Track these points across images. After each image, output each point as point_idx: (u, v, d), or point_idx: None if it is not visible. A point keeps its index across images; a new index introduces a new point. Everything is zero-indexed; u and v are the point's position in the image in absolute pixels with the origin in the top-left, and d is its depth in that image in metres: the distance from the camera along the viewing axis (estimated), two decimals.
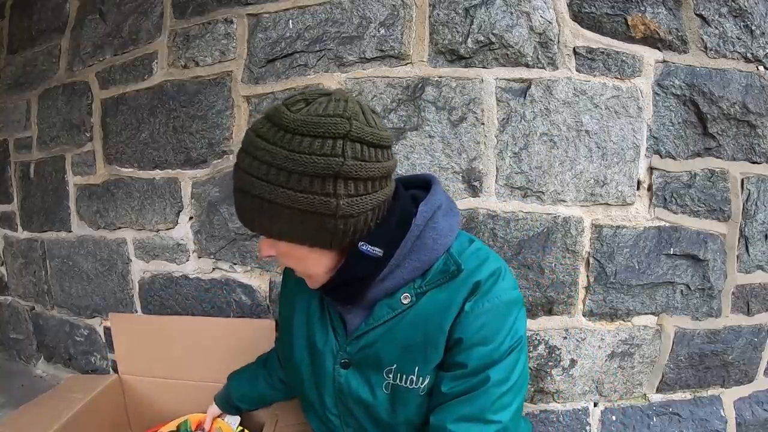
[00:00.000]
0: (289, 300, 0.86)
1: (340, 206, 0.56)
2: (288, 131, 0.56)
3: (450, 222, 0.68)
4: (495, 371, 0.63)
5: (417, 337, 0.66)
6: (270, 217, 0.58)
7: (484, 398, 0.63)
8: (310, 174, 0.55)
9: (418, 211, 0.65)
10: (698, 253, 1.20)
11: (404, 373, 0.68)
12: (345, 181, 0.56)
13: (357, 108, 0.59)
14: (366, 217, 0.60)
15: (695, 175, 1.20)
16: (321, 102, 0.58)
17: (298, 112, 0.57)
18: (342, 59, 1.20)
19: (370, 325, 0.69)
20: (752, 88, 1.18)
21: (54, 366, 1.80)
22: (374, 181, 0.59)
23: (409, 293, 0.66)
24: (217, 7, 1.29)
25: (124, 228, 1.49)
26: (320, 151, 0.55)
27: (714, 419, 1.28)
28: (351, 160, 0.56)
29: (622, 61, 1.15)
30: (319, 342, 0.76)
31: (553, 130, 1.15)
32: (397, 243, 0.63)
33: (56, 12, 1.62)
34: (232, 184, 0.63)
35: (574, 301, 1.20)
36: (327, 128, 0.55)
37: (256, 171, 0.57)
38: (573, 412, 1.24)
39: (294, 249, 0.62)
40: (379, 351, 0.69)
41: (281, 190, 0.56)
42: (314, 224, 0.58)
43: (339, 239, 0.60)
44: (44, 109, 1.67)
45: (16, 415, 1.09)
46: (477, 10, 1.13)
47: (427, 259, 0.65)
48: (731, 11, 1.16)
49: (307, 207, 0.56)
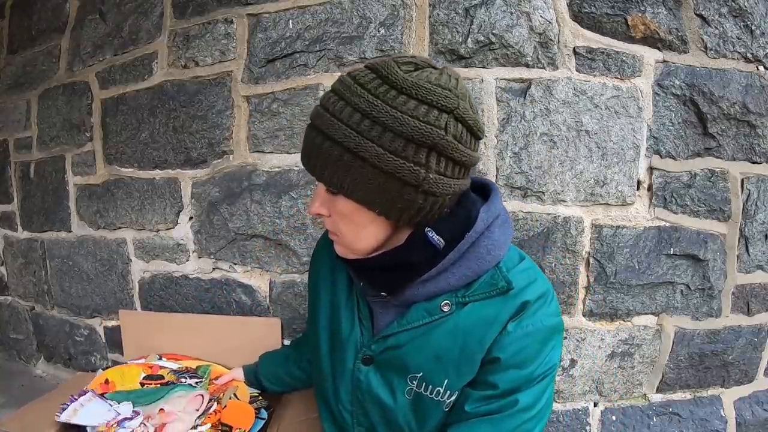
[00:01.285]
0: (314, 284, 0.83)
1: (427, 179, 0.53)
2: (395, 88, 0.53)
3: (505, 234, 0.64)
4: (524, 396, 0.60)
5: (453, 349, 0.62)
6: (348, 169, 0.54)
7: (509, 422, 0.60)
8: (407, 137, 0.52)
9: (479, 216, 0.61)
10: (698, 253, 1.20)
11: (431, 384, 0.64)
12: (438, 156, 0.54)
13: (465, 91, 0.57)
14: (443, 201, 0.57)
15: (695, 175, 1.20)
16: (432, 72, 0.56)
17: (408, 73, 0.54)
18: (342, 59, 1.20)
19: (402, 326, 0.65)
20: (752, 88, 1.18)
21: (54, 366, 1.80)
22: (462, 167, 0.57)
23: (450, 301, 0.62)
24: (217, 7, 1.29)
25: (124, 228, 1.49)
26: (424, 118, 0.52)
27: (714, 419, 1.28)
28: (450, 137, 0.53)
29: (622, 61, 1.15)
30: (344, 332, 0.72)
31: (553, 130, 1.15)
32: (455, 243, 0.60)
33: (56, 12, 1.62)
34: (232, 184, 0.61)
35: (574, 301, 1.20)
36: (437, 98, 0.53)
37: (348, 118, 0.53)
38: (573, 412, 1.24)
39: (358, 212, 0.58)
40: (407, 355, 0.65)
41: (370, 145, 0.52)
42: (394, 190, 0.54)
43: (410, 215, 0.57)
44: (44, 109, 1.67)
45: (19, 413, 1.09)
46: (477, 10, 1.13)
47: (477, 269, 0.62)
48: (731, 11, 1.16)
49: (393, 170, 0.52)
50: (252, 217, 1.28)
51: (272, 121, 1.25)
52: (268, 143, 1.26)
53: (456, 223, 0.60)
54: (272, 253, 1.29)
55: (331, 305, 0.75)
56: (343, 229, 0.62)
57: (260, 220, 1.28)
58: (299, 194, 1.24)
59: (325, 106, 0.56)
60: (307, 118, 1.21)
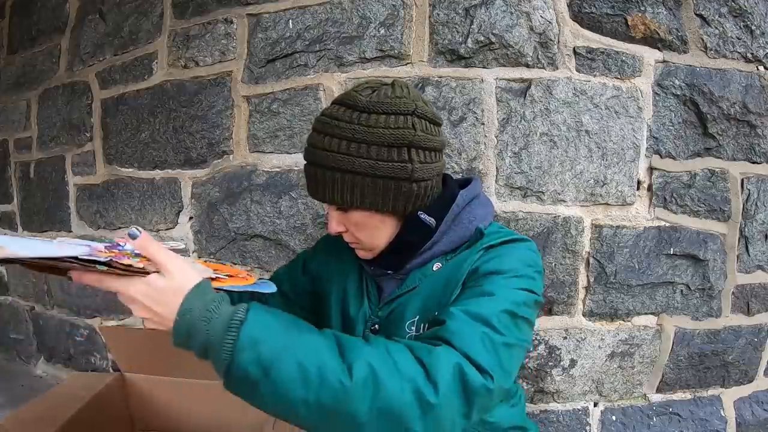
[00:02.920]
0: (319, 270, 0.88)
1: (414, 170, 0.65)
2: (364, 111, 0.65)
3: (485, 210, 0.77)
4: (492, 284, 0.63)
5: (437, 291, 0.71)
6: (351, 187, 0.66)
7: (491, 306, 0.60)
8: (387, 144, 0.64)
9: (459, 195, 0.73)
10: (698, 253, 1.20)
11: (424, 322, 0.72)
12: (417, 150, 0.66)
13: (416, 93, 0.70)
14: (432, 183, 0.69)
15: (695, 175, 1.20)
16: (386, 88, 0.68)
17: (368, 96, 0.66)
18: (342, 59, 1.20)
19: (402, 290, 0.75)
20: (752, 88, 1.18)
21: (54, 366, 1.80)
22: (437, 151, 0.69)
23: (441, 263, 0.73)
24: (217, 7, 1.29)
25: (124, 228, 1.49)
26: (394, 125, 0.64)
27: (714, 419, 1.28)
28: (420, 132, 0.66)
29: (622, 61, 1.15)
30: (353, 311, 0.80)
31: (553, 130, 1.15)
32: (442, 219, 0.71)
33: (56, 12, 1.62)
34: (232, 184, 0.64)
35: (574, 301, 1.20)
36: (398, 107, 0.65)
37: (337, 147, 0.65)
38: (573, 412, 1.24)
39: (370, 218, 0.69)
40: (404, 309, 0.74)
41: (362, 161, 0.64)
42: (393, 188, 0.66)
43: (412, 203, 0.68)
44: (44, 109, 1.67)
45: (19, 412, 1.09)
46: (477, 10, 1.13)
47: (462, 235, 0.73)
48: (731, 11, 1.16)
49: (387, 173, 0.65)
50: (252, 217, 1.28)
51: (272, 121, 1.25)
52: (268, 143, 1.26)
53: (441, 203, 0.72)
54: (272, 253, 1.29)
55: (343, 292, 0.84)
56: (362, 236, 0.72)
57: (260, 220, 1.28)
58: (299, 194, 1.24)
59: (314, 145, 0.67)
60: (307, 118, 1.22)
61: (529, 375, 1.21)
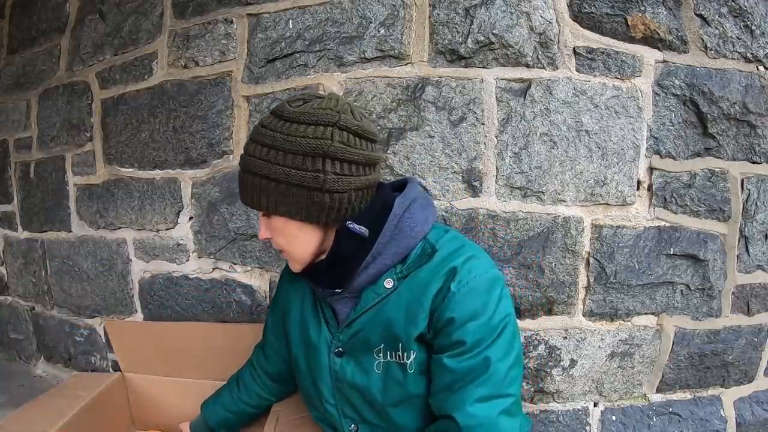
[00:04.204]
0: (283, 300, 0.93)
1: (327, 181, 0.66)
2: (287, 120, 0.67)
3: (425, 213, 0.76)
4: (493, 350, 0.68)
5: (399, 316, 0.72)
6: (267, 192, 0.68)
7: (496, 377, 0.67)
8: (302, 153, 0.65)
9: (395, 202, 0.72)
10: (698, 253, 1.20)
11: (392, 350, 0.73)
12: (332, 161, 0.66)
13: (347, 106, 0.70)
14: (350, 196, 0.69)
15: (695, 175, 1.20)
16: (317, 100, 0.70)
17: (297, 107, 0.68)
18: (342, 59, 1.20)
19: (358, 312, 0.75)
20: (752, 88, 1.18)
21: (54, 366, 1.80)
22: (358, 165, 0.69)
23: (392, 278, 0.73)
24: (217, 7, 1.29)
25: (124, 228, 1.49)
26: (312, 135, 0.65)
27: (714, 419, 1.28)
28: (338, 143, 0.66)
29: (622, 61, 1.15)
30: (313, 336, 0.82)
31: (553, 130, 1.15)
32: (380, 230, 0.71)
33: (56, 12, 1.62)
34: (232, 184, 0.68)
35: (574, 301, 1.20)
36: (319, 117, 0.66)
37: (258, 153, 0.68)
38: (573, 412, 1.25)
39: (287, 225, 0.71)
40: (368, 334, 0.75)
41: (278, 167, 0.66)
42: (305, 197, 0.67)
43: (326, 213, 0.68)
44: (44, 109, 1.67)
45: (20, 412, 1.09)
46: (477, 10, 1.13)
47: (406, 245, 0.72)
48: (731, 11, 1.16)
49: (299, 181, 0.66)
50: (252, 217, 1.28)
51: None
52: None
53: (374, 212, 0.71)
54: (272, 253, 1.29)
55: (301, 320, 0.86)
56: (283, 244, 0.74)
57: None
58: None
59: (246, 152, 0.71)
60: None
61: (529, 375, 1.21)
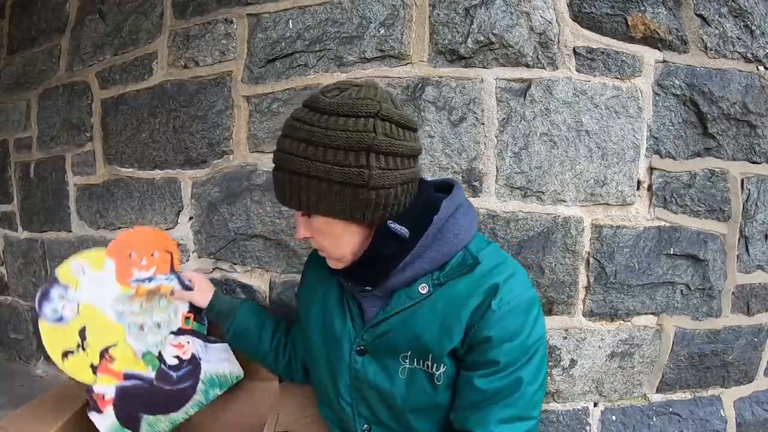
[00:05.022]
0: (309, 290, 0.89)
1: (372, 177, 0.61)
2: (324, 113, 0.62)
3: (469, 220, 0.72)
4: (525, 371, 0.66)
5: (434, 326, 0.68)
6: (307, 190, 0.63)
7: (523, 399, 0.66)
8: (344, 148, 0.60)
9: (441, 206, 0.69)
10: (698, 253, 1.20)
11: (420, 358, 0.70)
12: (376, 155, 0.61)
13: (386, 94, 0.66)
14: (396, 192, 0.64)
15: (695, 175, 1.20)
16: (353, 89, 0.65)
17: (333, 97, 0.63)
18: (342, 59, 1.20)
19: (387, 313, 0.72)
20: (752, 88, 1.18)
21: (54, 366, 1.79)
22: (402, 158, 0.65)
23: (427, 284, 0.69)
24: (217, 7, 1.29)
25: (124, 228, 1.49)
26: (353, 128, 0.61)
27: (714, 419, 1.28)
28: (381, 136, 0.61)
29: (622, 61, 1.15)
30: (336, 329, 0.78)
31: (553, 130, 1.15)
32: (420, 231, 0.67)
33: (56, 12, 1.62)
34: (232, 184, 0.65)
35: (574, 301, 1.20)
36: (359, 108, 0.61)
37: (295, 150, 0.63)
38: (573, 412, 1.25)
39: (330, 225, 0.66)
40: (395, 338, 0.71)
41: (318, 164, 0.61)
42: (349, 195, 0.62)
43: (371, 211, 0.64)
44: (44, 109, 1.67)
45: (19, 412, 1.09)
46: (477, 10, 1.13)
47: (447, 251, 0.69)
48: (731, 11, 1.16)
49: (342, 178, 0.61)
50: (252, 217, 1.28)
51: (272, 121, 1.25)
52: (268, 143, 1.26)
53: (416, 212, 0.68)
54: (272, 253, 1.29)
55: (324, 311, 0.82)
56: (325, 244, 0.70)
57: (260, 220, 1.28)
58: None
59: (280, 148, 0.67)
60: None
61: None
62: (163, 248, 1.02)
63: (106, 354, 0.95)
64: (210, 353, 1.02)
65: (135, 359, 0.96)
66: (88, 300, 0.96)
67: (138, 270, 0.99)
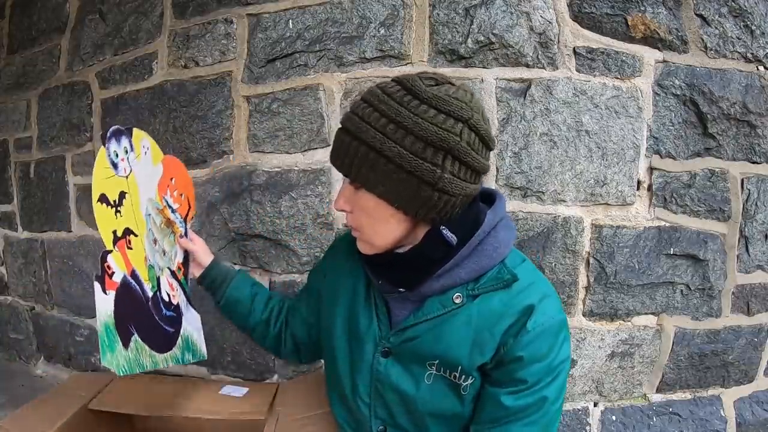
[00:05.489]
0: (336, 277, 0.85)
1: (442, 178, 0.60)
2: (418, 98, 0.60)
3: (509, 235, 0.72)
4: (549, 391, 0.67)
5: (466, 338, 0.68)
6: (373, 166, 0.61)
7: (546, 417, 0.68)
8: (426, 141, 0.59)
9: (486, 218, 0.68)
10: (698, 253, 1.20)
11: (448, 368, 0.70)
12: (452, 160, 0.60)
13: (479, 104, 0.65)
14: (456, 201, 0.63)
15: (695, 175, 1.20)
16: (450, 86, 0.63)
17: (430, 87, 0.62)
18: (342, 59, 1.20)
19: (418, 319, 0.71)
20: (752, 88, 1.18)
21: (54, 366, 1.80)
22: (473, 172, 0.64)
23: (461, 294, 0.69)
24: (217, 7, 1.29)
25: None
26: (442, 125, 0.59)
27: (714, 419, 1.28)
28: (464, 143, 0.60)
29: (622, 61, 1.15)
30: (361, 328, 0.77)
31: (553, 130, 1.15)
32: (464, 241, 0.66)
33: (56, 12, 1.62)
34: (232, 184, 0.63)
35: (575, 301, 1.20)
36: (454, 108, 0.60)
37: (375, 121, 0.60)
38: (573, 412, 1.25)
39: (379, 207, 0.64)
40: (423, 345, 0.71)
41: (394, 146, 0.59)
42: (412, 187, 0.61)
43: (426, 211, 0.63)
44: (44, 109, 1.67)
45: (20, 412, 1.09)
46: (477, 10, 1.13)
47: (485, 264, 0.68)
48: (731, 11, 1.16)
49: (413, 168, 0.59)
50: (252, 217, 1.28)
51: (272, 121, 1.25)
52: (268, 143, 1.26)
53: (467, 223, 0.67)
54: (272, 253, 1.29)
55: (350, 306, 0.80)
56: (365, 224, 0.68)
57: (260, 220, 1.28)
58: (299, 194, 1.24)
59: (355, 112, 0.63)
60: (306, 118, 1.22)
61: None
62: (189, 196, 1.00)
63: (128, 235, 0.90)
64: (189, 315, 0.99)
65: (144, 264, 0.91)
66: (137, 176, 0.92)
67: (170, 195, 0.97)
